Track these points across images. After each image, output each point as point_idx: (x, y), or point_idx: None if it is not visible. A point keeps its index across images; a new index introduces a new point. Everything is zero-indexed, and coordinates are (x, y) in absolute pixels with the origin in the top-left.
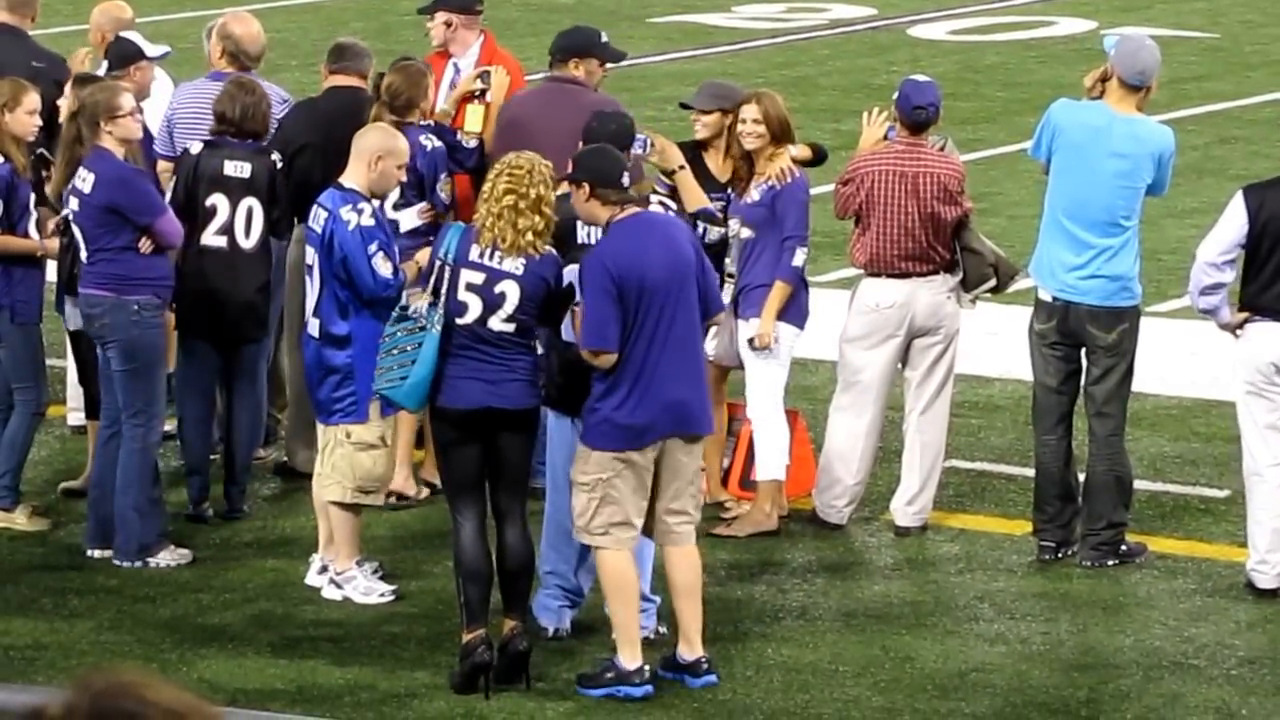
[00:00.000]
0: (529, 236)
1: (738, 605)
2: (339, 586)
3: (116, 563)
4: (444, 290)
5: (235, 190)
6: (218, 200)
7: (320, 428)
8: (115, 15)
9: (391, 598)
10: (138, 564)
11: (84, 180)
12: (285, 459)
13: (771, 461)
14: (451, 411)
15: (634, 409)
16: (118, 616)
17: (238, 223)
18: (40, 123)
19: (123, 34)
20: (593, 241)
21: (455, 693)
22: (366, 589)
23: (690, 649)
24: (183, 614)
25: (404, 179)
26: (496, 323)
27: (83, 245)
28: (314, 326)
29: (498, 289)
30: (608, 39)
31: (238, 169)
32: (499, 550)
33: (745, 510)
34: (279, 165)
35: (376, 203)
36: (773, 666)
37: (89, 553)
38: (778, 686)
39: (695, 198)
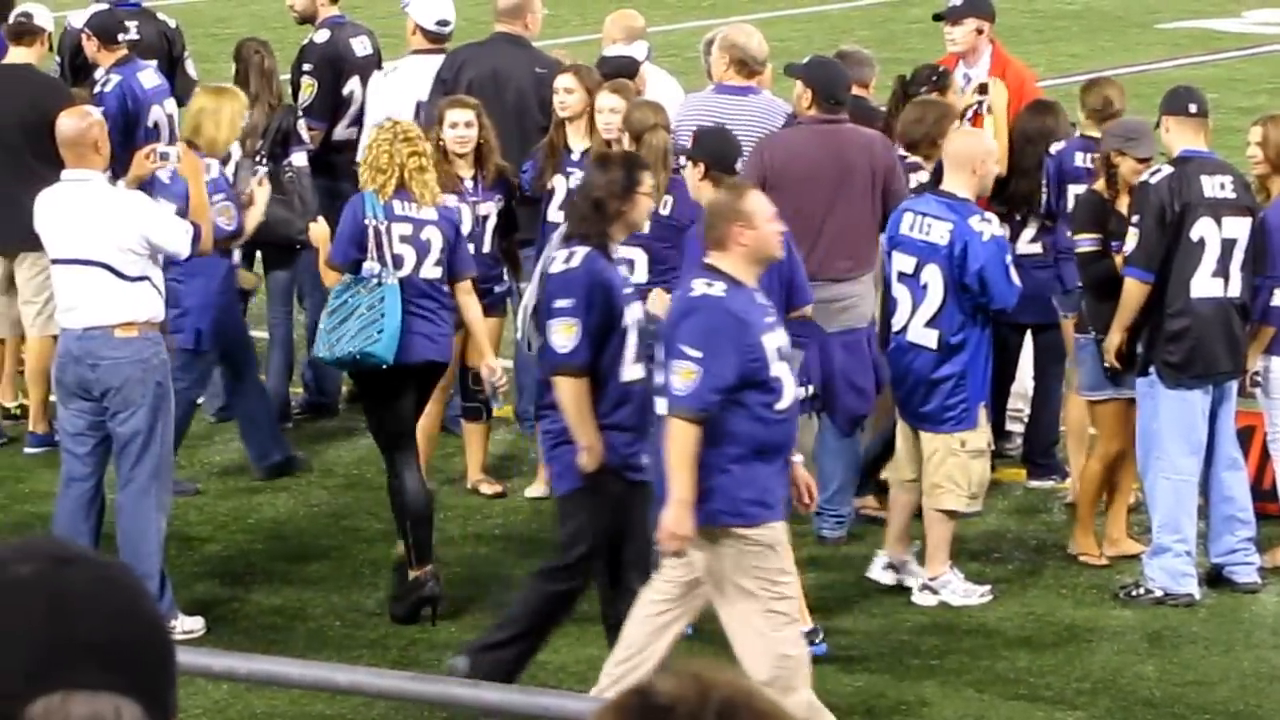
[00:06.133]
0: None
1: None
2: (934, 592)
3: None
4: (385, 248)
5: None
6: None
7: (922, 436)
8: (627, 24)
9: (989, 598)
10: None
11: (665, 205)
12: None
13: None
14: (402, 367)
15: None
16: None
17: None
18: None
19: (607, 53)
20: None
21: (394, 621)
22: (965, 591)
23: None
24: None
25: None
26: (428, 270)
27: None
28: (930, 338)
29: (424, 235)
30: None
31: None
32: (400, 499)
33: None
34: None
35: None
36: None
37: None
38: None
39: None
